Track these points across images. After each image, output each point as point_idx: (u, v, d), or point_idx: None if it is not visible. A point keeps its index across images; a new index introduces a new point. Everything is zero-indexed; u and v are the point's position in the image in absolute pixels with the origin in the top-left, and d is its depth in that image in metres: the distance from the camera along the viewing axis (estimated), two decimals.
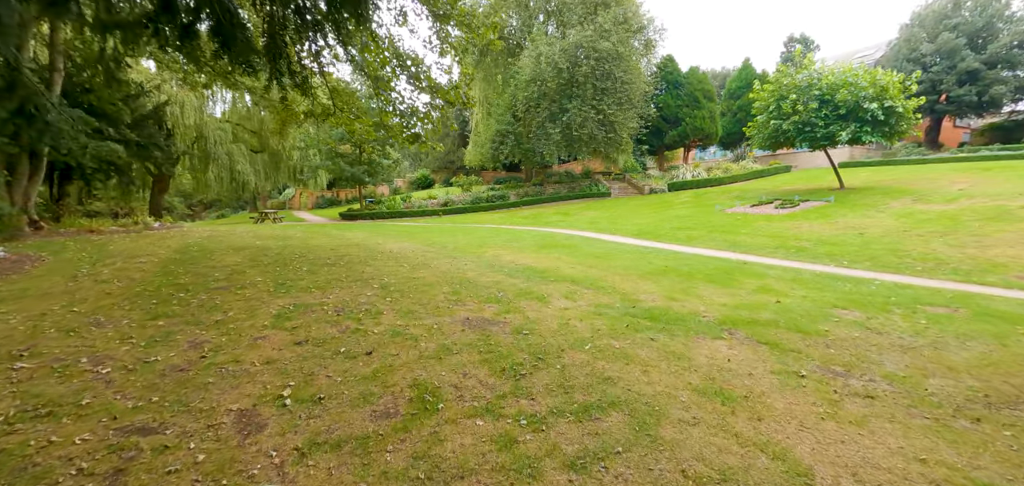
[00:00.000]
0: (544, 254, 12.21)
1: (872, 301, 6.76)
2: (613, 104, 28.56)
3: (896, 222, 14.09)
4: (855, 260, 10.49)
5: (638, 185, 31.99)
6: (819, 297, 7.09)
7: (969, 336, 5.15)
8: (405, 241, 15.78)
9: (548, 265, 10.46)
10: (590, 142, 29.18)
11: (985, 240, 11.16)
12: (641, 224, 18.76)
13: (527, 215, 26.12)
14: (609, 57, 27.81)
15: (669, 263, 10.51)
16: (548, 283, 8.45)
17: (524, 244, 14.43)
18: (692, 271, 9.45)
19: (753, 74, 37.60)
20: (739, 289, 7.85)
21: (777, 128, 21.02)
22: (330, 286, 7.89)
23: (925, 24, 32.61)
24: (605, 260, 11.12)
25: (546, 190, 32.55)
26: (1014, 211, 13.48)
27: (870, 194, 19.60)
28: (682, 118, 32.46)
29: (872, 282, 8.40)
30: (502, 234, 17.57)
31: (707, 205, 22.53)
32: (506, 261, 11.12)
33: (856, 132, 19.08)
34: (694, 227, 16.87)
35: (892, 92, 18.89)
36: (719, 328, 5.52)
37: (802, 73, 20.88)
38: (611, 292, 7.72)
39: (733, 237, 14.37)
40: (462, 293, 7.61)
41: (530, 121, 30.50)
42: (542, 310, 6.58)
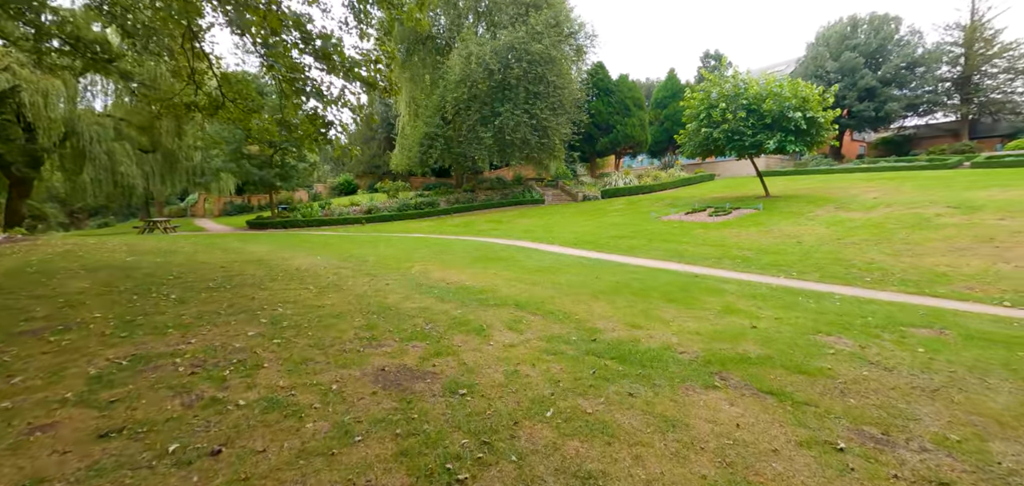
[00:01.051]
0: (480, 269, 10.78)
1: (851, 323, 6.01)
2: (546, 109, 27.81)
3: (827, 230, 14.17)
4: (803, 271, 10.06)
5: (572, 192, 31.50)
6: (794, 319, 6.25)
7: (981, 369, 4.42)
8: (318, 254, 13.70)
9: (485, 283, 9.05)
10: (523, 147, 28.21)
11: (916, 249, 11.22)
12: (579, 232, 17.89)
13: (458, 223, 24.58)
14: (542, 60, 27.02)
15: (619, 278, 9.48)
16: (487, 308, 7.04)
17: (456, 256, 12.92)
18: (646, 288, 8.45)
19: (678, 84, 38.66)
20: (703, 310, 6.90)
21: (708, 136, 21.11)
22: (198, 323, 5.95)
23: (829, 44, 35.13)
24: (548, 275, 9.90)
25: (478, 197, 31.17)
26: (932, 219, 13.98)
27: (794, 202, 20.11)
28: (613, 125, 32.46)
29: (832, 297, 7.81)
30: (431, 244, 15.93)
31: (642, 212, 22.23)
32: (436, 279, 9.58)
33: (781, 141, 19.49)
34: (633, 236, 16.22)
35: (812, 103, 19.52)
36: (706, 371, 4.39)
37: (729, 83, 21.14)
38: (563, 319, 6.46)
39: (675, 246, 13.78)
40: (379, 327, 5.99)
41: (460, 124, 29.02)
42: (482, 349, 5.15)
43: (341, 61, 7.22)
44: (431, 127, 29.54)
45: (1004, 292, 7.70)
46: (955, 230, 12.38)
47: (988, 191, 17.56)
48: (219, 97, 10.59)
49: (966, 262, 9.75)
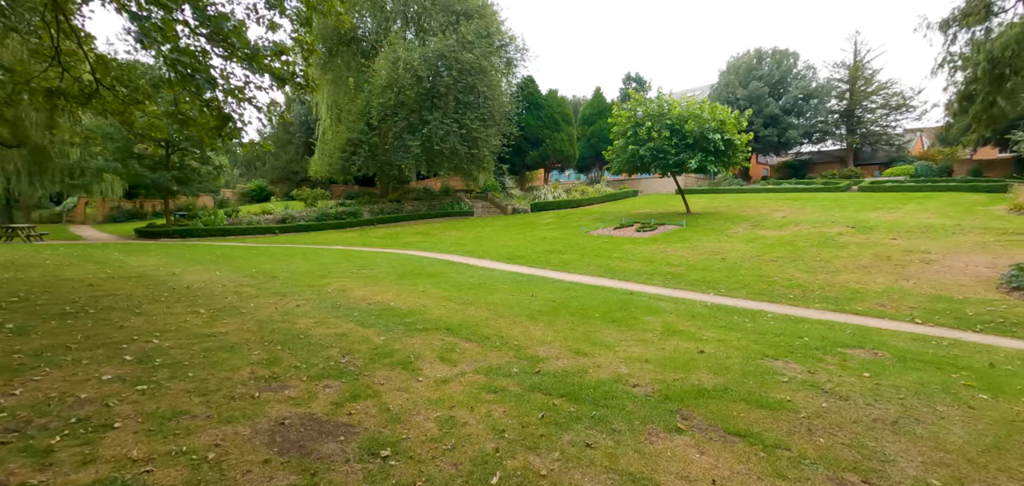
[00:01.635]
0: (407, 286, 9.88)
1: (792, 345, 5.92)
2: (476, 120, 27.30)
3: (747, 247, 14.77)
4: (731, 288, 10.19)
5: (501, 204, 31.13)
6: (738, 341, 6.06)
7: (925, 395, 4.41)
8: (219, 269, 12.05)
9: (413, 303, 8.19)
10: (452, 157, 27.44)
11: (829, 266, 11.85)
12: (510, 246, 17.41)
13: (383, 235, 23.23)
14: (472, 70, 26.51)
15: (556, 296, 9.02)
16: (415, 334, 6.23)
17: (380, 272, 11.87)
18: (584, 308, 8.04)
19: (604, 103, 39.84)
20: (646, 332, 6.57)
21: (635, 153, 21.63)
22: (34, 364, 4.61)
23: (739, 73, 37.92)
24: (482, 293, 9.22)
25: (404, 207, 29.88)
26: (835, 238, 15.03)
27: (713, 219, 21.05)
28: (543, 139, 32.64)
29: (765, 315, 7.84)
30: (353, 258, 14.68)
31: (572, 227, 22.25)
32: (357, 298, 8.56)
33: (702, 161, 20.36)
34: (565, 250, 16.00)
35: (729, 126, 20.63)
36: (666, 409, 3.94)
37: (654, 103, 21.85)
38: (501, 345, 5.81)
39: (607, 262, 13.67)
40: (283, 361, 5.00)
41: (387, 131, 27.70)
42: (410, 388, 4.37)
43: (242, 46, 6.13)
44: (355, 133, 27.93)
45: (912, 309, 8.13)
46: (857, 249, 13.32)
47: (877, 213, 19.40)
48: (93, 83, 8.89)
49: (872, 279, 10.37)
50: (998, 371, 5.08)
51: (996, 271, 10.21)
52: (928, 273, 10.55)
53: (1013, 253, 11.55)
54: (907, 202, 21.74)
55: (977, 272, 10.31)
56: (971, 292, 8.94)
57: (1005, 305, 8.03)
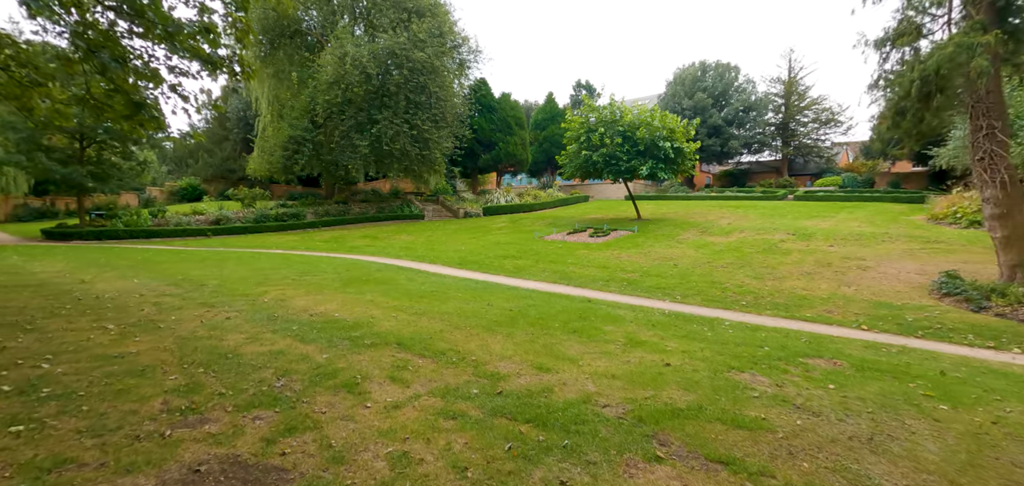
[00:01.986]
0: (353, 295, 9.19)
1: (755, 356, 5.84)
2: (428, 120, 26.57)
3: (697, 253, 15.03)
4: (686, 295, 10.21)
5: (453, 208, 30.52)
6: (701, 352, 5.92)
7: (891, 408, 4.40)
8: (138, 276, 10.83)
9: (360, 314, 7.57)
10: (402, 158, 26.56)
11: (775, 272, 12.18)
12: (463, 251, 16.92)
13: (328, 238, 22.06)
14: (424, 69, 25.79)
15: (513, 305, 8.65)
16: (361, 350, 5.66)
17: (325, 279, 11.07)
18: (543, 317, 7.72)
19: (556, 108, 40.09)
20: (608, 343, 6.32)
21: (588, 159, 21.72)
22: None
23: (685, 83, 39.28)
24: (435, 302, 8.71)
25: (351, 209, 28.63)
26: (779, 245, 15.60)
27: (663, 225, 21.45)
28: (496, 143, 32.33)
29: (722, 323, 7.83)
30: (294, 263, 13.70)
31: (525, 231, 22.03)
32: (297, 308, 7.83)
33: (653, 168, 20.71)
34: (519, 255, 15.70)
35: (678, 134, 21.13)
36: (641, 433, 3.64)
37: (606, 110, 22.05)
38: (458, 361, 5.36)
39: (562, 267, 13.48)
40: (206, 388, 4.32)
41: (333, 130, 26.44)
42: (357, 416, 3.84)
43: (160, 21, 5.35)
44: (298, 130, 26.48)
45: (858, 316, 8.37)
46: (800, 256, 13.83)
47: (813, 221, 20.44)
48: None
49: (817, 285, 10.71)
50: (949, 379, 5.17)
51: (926, 277, 10.80)
52: (866, 279, 11.03)
53: (938, 260, 12.33)
54: (839, 211, 23.09)
55: (909, 278, 10.88)
56: (907, 298, 9.37)
57: (939, 311, 8.43)
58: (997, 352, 6.45)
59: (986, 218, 9.71)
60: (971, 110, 9.77)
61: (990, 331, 7.22)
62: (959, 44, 8.43)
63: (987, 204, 9.56)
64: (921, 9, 10.47)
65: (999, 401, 4.55)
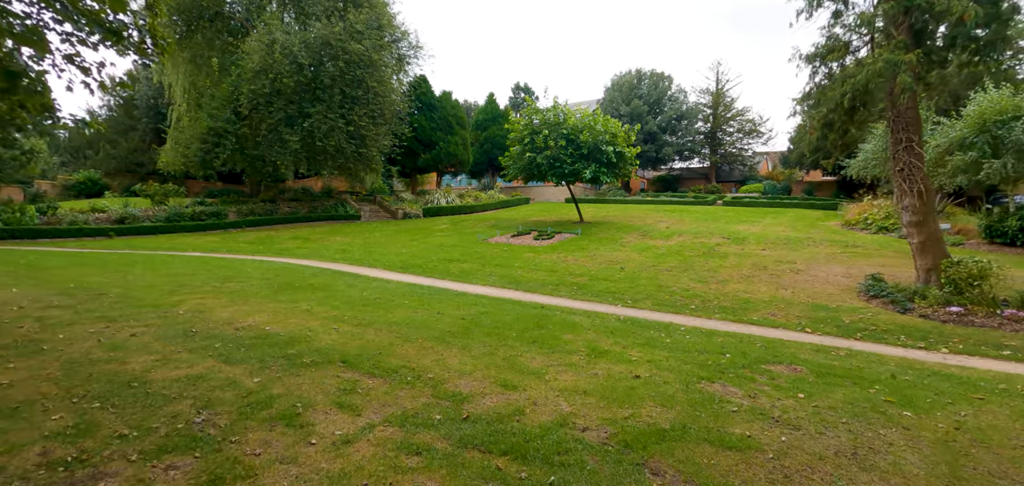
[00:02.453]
0: (286, 304, 8.28)
1: (719, 364, 5.76)
2: (365, 116, 25.29)
3: (641, 256, 15.23)
4: (636, 299, 10.19)
5: (391, 209, 29.34)
6: (668, 363, 5.75)
7: (864, 418, 4.42)
8: (19, 285, 9.22)
9: (296, 326, 6.76)
10: (337, 156, 25.12)
11: (716, 275, 12.52)
12: (405, 254, 16.12)
13: (253, 239, 20.34)
14: (362, 63, 24.54)
15: (464, 313, 8.16)
16: (300, 371, 4.95)
17: (252, 285, 9.99)
18: (499, 326, 7.30)
19: (498, 109, 39.82)
20: (570, 354, 6.01)
21: (531, 161, 21.56)
22: None
23: (622, 90, 40.43)
24: (380, 311, 8.02)
25: (280, 209, 26.72)
26: (716, 248, 16.18)
27: (605, 228, 21.73)
28: (436, 142, 31.46)
29: (677, 328, 7.79)
30: (215, 267, 12.34)
31: (468, 233, 21.49)
32: (220, 321, 6.87)
33: (596, 171, 20.91)
34: (464, 259, 15.17)
35: (620, 139, 21.48)
36: (631, 462, 3.32)
37: (550, 112, 22.02)
38: (413, 381, 4.81)
39: (510, 272, 13.12)
40: (101, 429, 3.49)
41: (259, 122, 24.50)
42: (300, 459, 3.22)
43: None
44: (219, 121, 24.29)
45: (799, 319, 8.66)
46: (737, 259, 14.37)
47: (743, 225, 21.51)
48: None
49: (757, 289, 11.07)
50: (900, 382, 5.31)
51: (852, 280, 11.51)
52: (800, 282, 11.57)
53: (860, 264, 13.24)
54: (764, 216, 24.53)
55: (838, 281, 11.54)
56: (840, 300, 9.87)
57: (870, 312, 8.91)
58: (928, 352, 6.82)
59: (904, 224, 10.47)
60: (892, 124, 10.49)
61: (918, 332, 7.66)
62: (887, 60, 8.97)
63: (906, 212, 10.30)
64: (848, 27, 11.13)
65: (950, 404, 4.68)
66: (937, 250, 10.03)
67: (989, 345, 6.96)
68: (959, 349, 6.86)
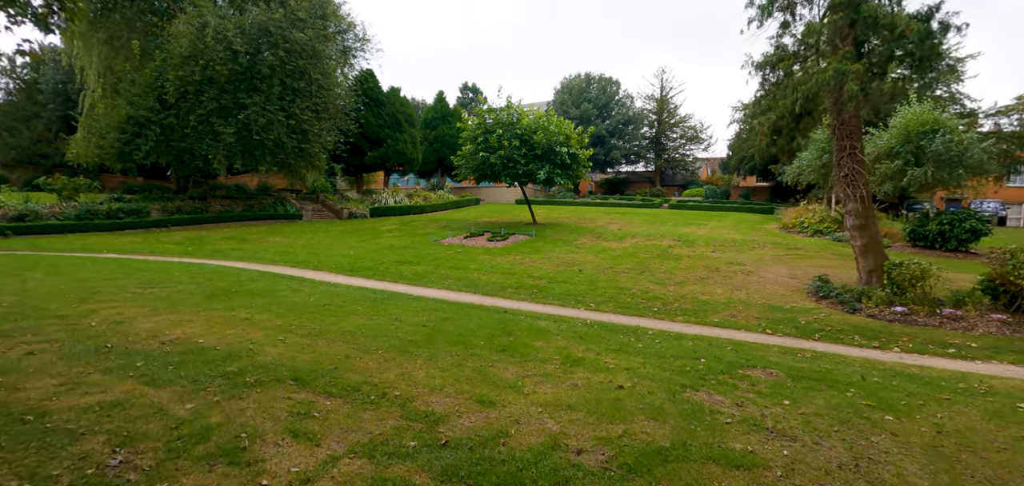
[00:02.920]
0: (222, 311, 7.39)
1: (697, 370, 5.60)
2: (308, 110, 23.85)
3: (597, 258, 15.19)
4: (599, 302, 10.03)
5: (335, 208, 27.94)
6: (646, 370, 5.53)
7: (851, 425, 4.38)
8: None
9: (235, 338, 5.97)
10: (277, 151, 23.53)
11: (673, 277, 12.62)
12: (352, 256, 15.22)
13: (181, 240, 18.61)
14: (304, 52, 23.13)
15: (424, 319, 7.62)
16: (243, 392, 4.28)
17: (180, 291, 8.92)
18: (463, 333, 6.83)
19: (447, 107, 39.05)
20: (544, 363, 5.66)
21: (485, 160, 21.15)
22: None
23: (572, 93, 40.85)
24: (331, 319, 7.32)
25: (211, 206, 24.72)
26: (668, 251, 16.44)
27: (559, 229, 21.66)
28: (384, 139, 30.25)
29: (646, 332, 7.65)
30: (136, 271, 11.00)
31: (419, 234, 20.75)
32: (142, 334, 5.96)
33: (550, 172, 20.80)
34: (416, 261, 14.53)
35: (573, 141, 21.50)
36: None
37: (504, 112, 21.70)
38: (378, 400, 4.28)
39: (466, 274, 12.65)
40: None
41: (187, 112, 22.49)
42: None
43: None
44: (141, 110, 22.11)
45: (759, 320, 8.79)
46: (690, 261, 14.63)
47: (690, 228, 22.11)
48: None
49: (713, 290, 11.23)
50: (871, 384, 5.35)
51: (798, 281, 11.94)
52: (751, 283, 11.87)
53: (803, 265, 13.82)
54: (709, 219, 25.41)
55: (786, 282, 11.94)
56: (792, 301, 10.16)
57: (822, 313, 9.19)
58: (884, 352, 7.03)
59: (848, 228, 10.96)
60: (837, 132, 10.96)
61: (870, 331, 7.94)
62: (836, 70, 9.31)
63: (849, 216, 10.78)
64: (797, 38, 11.56)
65: (923, 406, 4.73)
66: (878, 252, 10.57)
67: (935, 344, 7.28)
68: (909, 348, 7.14)
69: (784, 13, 11.69)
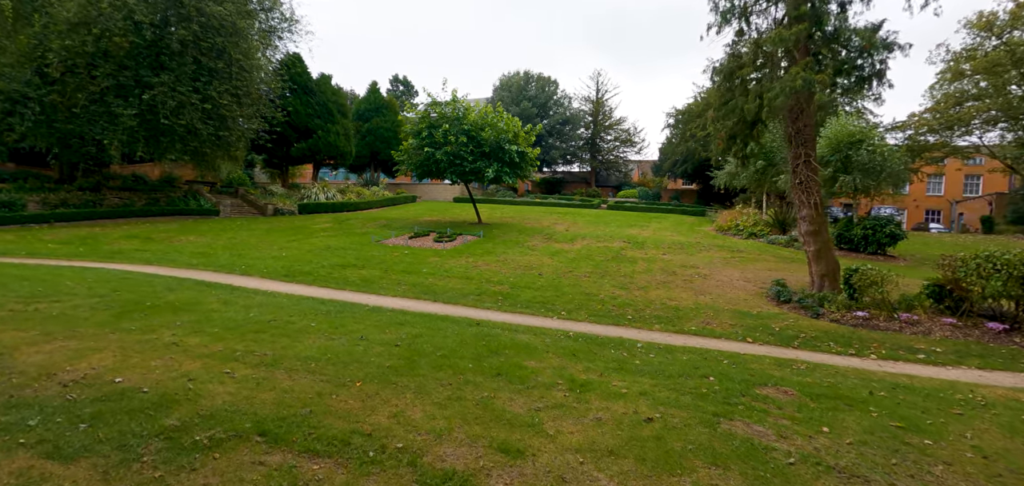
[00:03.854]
0: (138, 334, 5.97)
1: (713, 391, 5.22)
2: (227, 93, 21.33)
3: (554, 261, 14.73)
4: (570, 309, 9.57)
5: (258, 203, 25.41)
6: (666, 397, 5.05)
7: (894, 451, 4.15)
8: None
9: (163, 374, 4.72)
10: (190, 138, 20.85)
11: (634, 282, 12.42)
12: (285, 258, 13.64)
13: (68, 238, 15.81)
14: (223, 29, 20.63)
15: (392, 336, 6.69)
16: (194, 461, 3.22)
17: (77, 306, 7.23)
18: (446, 354, 6.01)
19: (382, 99, 37.06)
20: (549, 389, 5.03)
21: (429, 156, 20.04)
22: None
23: (511, 90, 40.43)
24: (282, 340, 6.16)
25: (107, 200, 21.44)
26: (622, 253, 16.38)
27: (506, 230, 21.05)
28: (314, 130, 27.90)
29: (634, 345, 7.25)
30: (12, 281, 8.91)
31: (357, 234, 19.24)
32: (31, 371, 4.56)
33: (498, 171, 20.13)
34: (361, 263, 13.28)
35: (521, 138, 20.99)
36: None
37: (449, 106, 20.72)
38: (380, 458, 3.41)
39: (419, 280, 11.68)
40: None
41: (75, 89, 19.26)
42: None
43: None
44: (14, 83, 18.56)
45: (734, 327, 8.70)
46: (645, 264, 14.59)
47: (634, 229, 22.36)
48: None
49: (678, 295, 11.13)
50: (880, 400, 5.23)
51: (752, 285, 12.21)
52: (710, 287, 11.95)
53: (752, 268, 14.24)
54: (649, 221, 25.97)
55: (743, 286, 12.16)
56: (756, 306, 10.25)
57: (790, 319, 9.28)
58: (862, 359, 7.10)
59: (801, 233, 11.31)
60: (792, 140, 11.25)
61: (841, 338, 8.07)
62: (805, 78, 9.47)
63: (804, 222, 11.13)
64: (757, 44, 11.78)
65: (943, 424, 4.63)
66: (830, 257, 11.00)
67: (904, 349, 7.50)
68: (883, 354, 7.28)
69: (740, 21, 11.91)
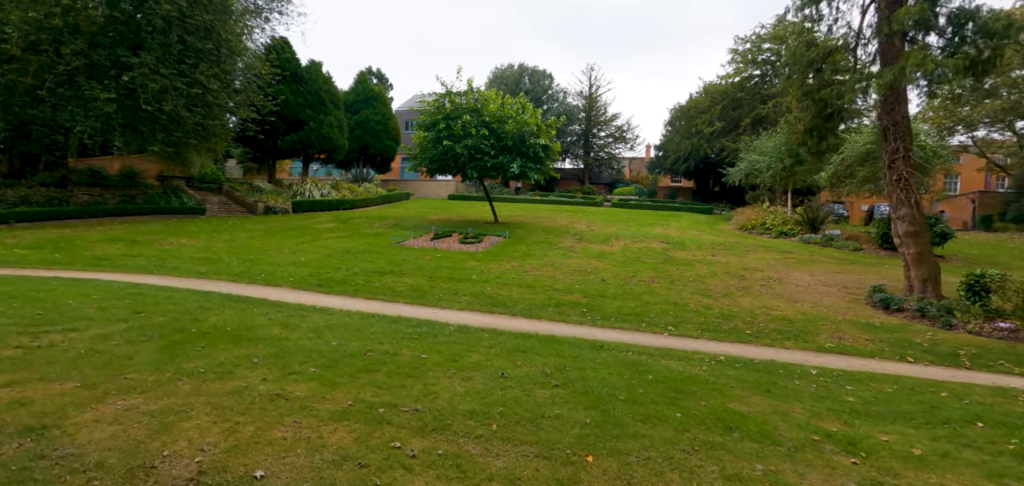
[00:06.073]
0: (211, 381, 4.37)
1: (994, 440, 4.06)
2: (215, 78, 19.06)
3: (603, 265, 13.42)
4: (673, 324, 8.42)
5: (247, 201, 23.11)
6: (927, 448, 3.86)
7: None
8: None
9: (311, 462, 3.18)
10: (174, 127, 18.50)
11: (711, 288, 11.26)
12: (307, 264, 11.88)
13: (38, 243, 13.44)
14: (212, 6, 18.42)
15: (527, 369, 5.32)
16: None
17: (104, 336, 5.47)
18: (635, 398, 4.70)
19: (371, 90, 34.83)
20: (821, 452, 3.77)
21: (448, 150, 18.43)
22: None
23: (506, 83, 38.96)
24: (411, 387, 4.68)
25: (75, 197, 18.83)
26: (667, 254, 15.24)
27: (527, 230, 19.64)
28: (305, 121, 25.61)
29: (793, 369, 6.09)
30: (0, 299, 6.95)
31: (369, 235, 17.45)
32: (99, 462, 2.91)
33: (523, 166, 18.76)
34: (398, 270, 11.65)
35: (543, 132, 19.62)
36: None
37: (465, 97, 19.16)
38: None
39: (475, 289, 10.20)
40: None
41: (40, 70, 16.70)
42: None
43: None
44: None
45: (874, 343, 7.70)
46: (706, 268, 13.47)
47: (657, 227, 21.20)
48: None
49: (772, 303, 10.05)
50: None
51: (835, 289, 11.33)
52: (796, 293, 10.96)
53: (819, 270, 13.39)
54: (667, 220, 25.00)
55: (826, 291, 11.25)
56: (864, 314, 9.30)
57: (920, 329, 8.38)
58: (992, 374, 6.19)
59: (899, 234, 10.43)
60: (888, 132, 10.37)
61: (1010, 355, 7.16)
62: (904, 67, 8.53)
63: (902, 222, 10.26)
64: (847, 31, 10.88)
65: None
66: (931, 260, 10.18)
67: None
68: None
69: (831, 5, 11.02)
